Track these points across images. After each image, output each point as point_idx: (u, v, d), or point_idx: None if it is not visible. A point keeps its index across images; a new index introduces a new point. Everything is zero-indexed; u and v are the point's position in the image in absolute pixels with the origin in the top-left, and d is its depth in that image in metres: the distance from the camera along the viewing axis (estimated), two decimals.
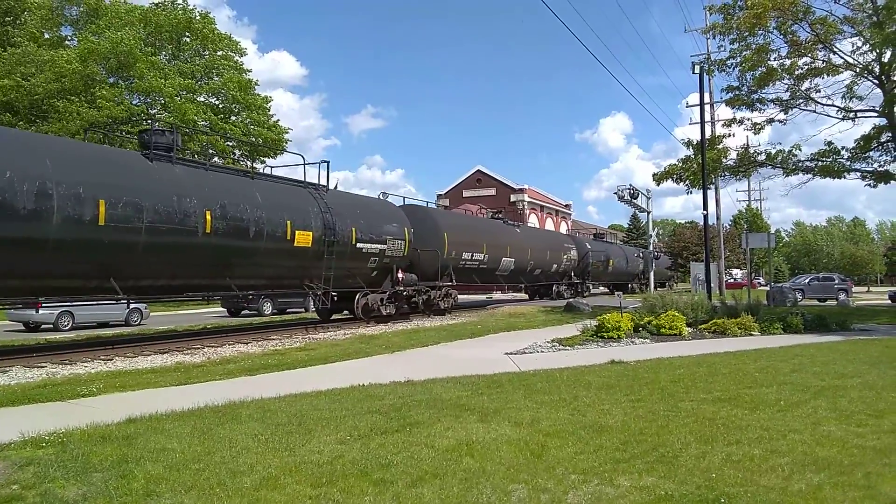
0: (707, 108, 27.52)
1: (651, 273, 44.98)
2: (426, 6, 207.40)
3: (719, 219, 34.78)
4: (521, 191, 62.74)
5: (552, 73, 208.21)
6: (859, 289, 57.60)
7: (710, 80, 28.81)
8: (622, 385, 8.15)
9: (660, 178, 25.93)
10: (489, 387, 8.14)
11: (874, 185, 22.94)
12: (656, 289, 43.76)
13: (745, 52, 22.27)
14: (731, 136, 25.64)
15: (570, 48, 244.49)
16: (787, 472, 4.68)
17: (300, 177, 17.57)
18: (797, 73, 22.26)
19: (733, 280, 52.80)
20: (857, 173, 23.02)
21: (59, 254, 10.99)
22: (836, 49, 21.82)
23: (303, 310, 27.35)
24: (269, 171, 19.25)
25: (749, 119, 24.39)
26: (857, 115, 22.50)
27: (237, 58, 39.18)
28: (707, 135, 24.19)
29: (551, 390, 7.84)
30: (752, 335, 14.42)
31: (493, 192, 61.79)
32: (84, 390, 8.29)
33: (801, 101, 23.04)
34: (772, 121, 24.08)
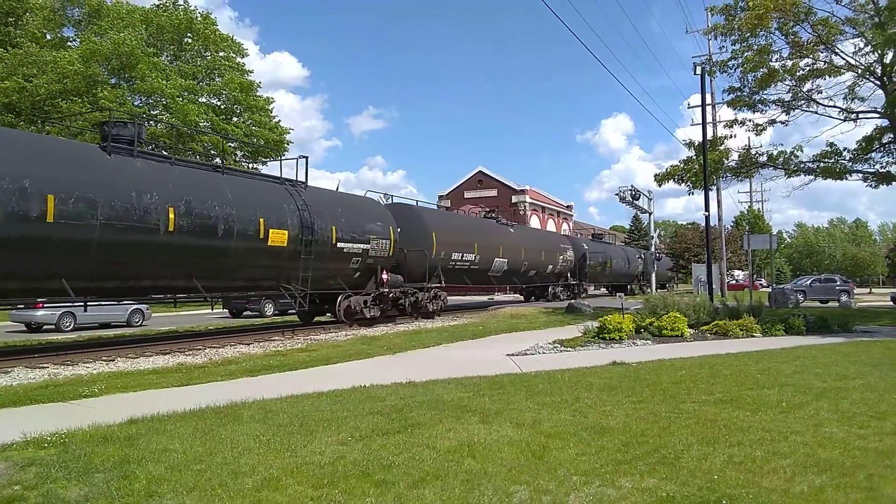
0: (709, 109, 27.59)
1: (653, 274, 44.91)
2: (427, 7, 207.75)
3: (721, 220, 34.82)
4: (523, 192, 62.70)
5: (553, 74, 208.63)
6: (861, 290, 57.53)
7: (711, 81, 28.91)
8: (624, 386, 8.14)
9: (661, 179, 25.93)
10: (491, 388, 8.14)
11: (876, 186, 22.94)
12: (657, 290, 43.71)
13: (746, 53, 22.28)
14: (732, 137, 25.78)
15: (571, 49, 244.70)
16: (789, 473, 4.67)
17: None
18: (799, 74, 22.28)
19: (735, 281, 52.74)
20: (859, 174, 23.03)
21: (2, 253, 10.28)
22: (837, 50, 21.84)
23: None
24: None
25: (751, 120, 24.42)
26: (859, 116, 22.52)
27: (239, 59, 39.25)
28: (709, 136, 24.19)
29: (553, 391, 7.84)
30: (753, 337, 14.40)
31: (494, 192, 61.75)
32: (86, 391, 8.30)
33: (803, 102, 23.06)
34: (773, 122, 24.10)
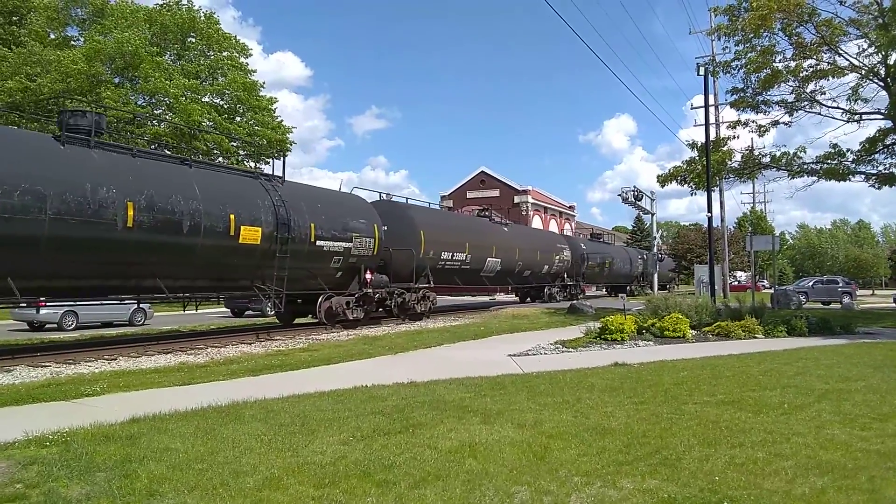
0: (712, 109, 27.52)
1: (655, 275, 44.85)
2: (429, 7, 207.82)
3: (723, 221, 34.75)
4: (525, 192, 62.66)
5: (555, 75, 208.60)
6: (864, 292, 57.45)
7: (714, 81, 28.86)
8: (625, 387, 8.14)
9: (664, 180, 25.92)
10: (492, 388, 8.14)
11: (879, 188, 22.91)
12: (658, 291, 43.66)
13: (749, 54, 22.26)
14: (735, 138, 25.68)
15: (573, 49, 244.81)
16: (790, 475, 4.66)
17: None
18: (802, 75, 22.25)
19: (737, 282, 52.75)
20: (862, 176, 22.99)
21: None
22: (841, 51, 21.82)
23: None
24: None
25: (754, 121, 24.42)
26: (863, 117, 22.48)
27: (242, 59, 39.25)
28: (712, 137, 24.15)
29: (554, 392, 7.84)
30: (755, 338, 14.38)
31: (496, 193, 61.71)
32: (88, 390, 8.31)
33: (806, 103, 23.04)
34: (777, 123, 24.11)
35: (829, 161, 22.98)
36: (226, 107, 37.94)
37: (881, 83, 21.41)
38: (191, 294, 14.79)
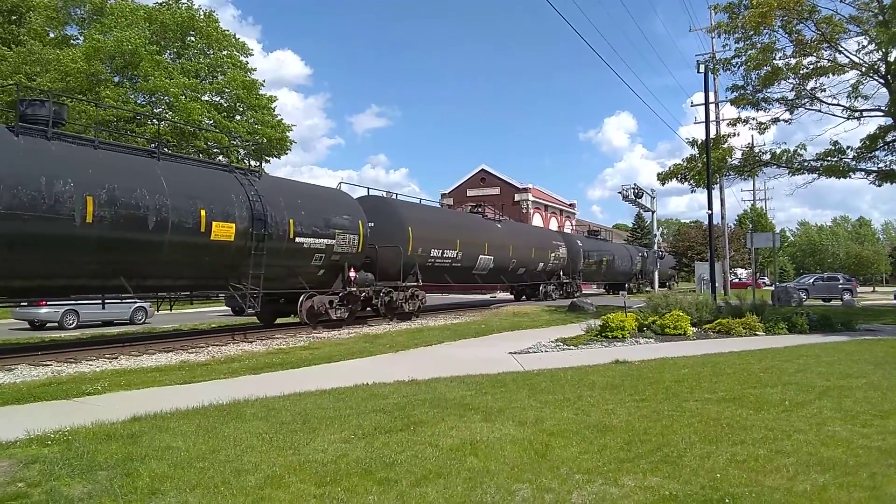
0: (712, 107, 27.50)
1: (655, 273, 44.81)
2: (429, 6, 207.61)
3: (724, 218, 34.71)
4: (526, 190, 62.72)
5: (555, 73, 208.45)
6: (864, 289, 57.45)
7: (715, 79, 28.83)
8: (626, 385, 8.14)
9: (664, 178, 25.87)
10: (493, 386, 8.14)
11: (880, 185, 22.88)
12: (659, 289, 43.62)
13: (750, 52, 22.19)
14: (736, 135, 25.61)
15: (573, 48, 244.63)
16: (791, 472, 4.67)
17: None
18: (802, 72, 22.19)
19: (738, 280, 52.73)
20: (863, 173, 22.96)
21: None
22: (841, 48, 21.77)
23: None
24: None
25: (754, 118, 24.36)
26: (863, 114, 22.43)
27: (242, 58, 39.23)
28: (712, 134, 24.13)
29: (555, 390, 7.84)
30: (756, 335, 14.38)
31: (497, 191, 61.76)
32: (89, 389, 8.32)
33: (807, 100, 22.97)
34: (777, 120, 24.02)
35: (829, 158, 22.94)
36: (225, 105, 37.93)
37: (881, 80, 21.37)
38: (165, 294, 14.15)
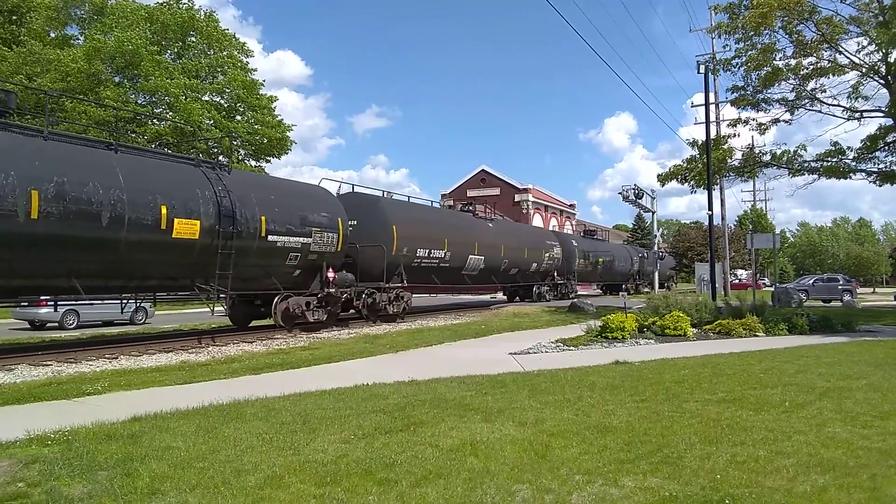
0: (712, 107, 27.50)
1: (655, 273, 44.81)
2: (430, 6, 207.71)
3: (724, 219, 34.72)
4: (526, 190, 62.78)
5: (555, 73, 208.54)
6: (865, 290, 57.47)
7: (715, 79, 28.84)
8: (627, 385, 8.14)
9: (664, 179, 25.88)
10: (493, 387, 8.14)
11: (880, 185, 22.88)
12: (659, 289, 43.62)
13: (750, 52, 22.20)
14: (736, 136, 25.60)
15: (573, 48, 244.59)
16: (792, 473, 4.66)
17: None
18: (802, 72, 22.19)
19: (738, 280, 52.74)
20: (863, 173, 22.96)
21: None
22: (841, 49, 21.77)
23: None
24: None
25: (754, 119, 24.35)
26: (863, 115, 22.43)
27: (243, 58, 39.25)
28: (712, 135, 24.13)
29: (555, 390, 7.83)
30: (756, 336, 14.38)
31: (497, 191, 61.80)
32: (89, 389, 8.32)
33: (807, 101, 22.97)
34: (777, 121, 24.03)
35: (829, 159, 22.95)
36: (226, 105, 37.94)
37: (882, 81, 21.37)
38: (129, 295, 13.58)
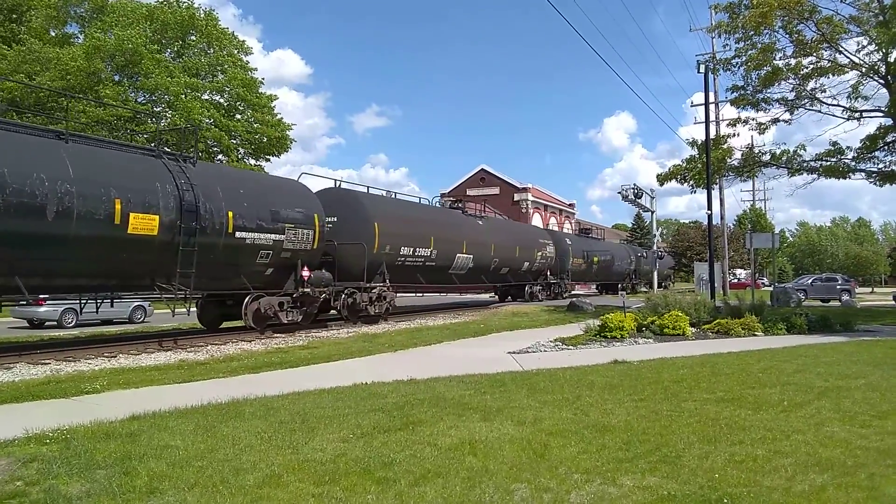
0: (712, 107, 27.50)
1: (654, 273, 44.83)
2: (430, 6, 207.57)
3: (723, 219, 34.76)
4: (525, 190, 62.72)
5: (555, 73, 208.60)
6: (863, 290, 57.51)
7: (715, 79, 28.87)
8: (625, 385, 8.14)
9: (664, 179, 25.90)
10: (492, 386, 8.14)
11: (880, 185, 22.89)
12: (658, 289, 43.62)
13: (750, 52, 22.22)
14: (735, 135, 25.66)
15: (573, 48, 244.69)
16: (790, 472, 4.67)
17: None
18: (802, 72, 22.22)
19: (737, 280, 52.79)
20: (863, 173, 22.98)
21: None
22: (841, 49, 21.80)
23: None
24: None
25: (754, 119, 24.38)
26: (863, 114, 22.46)
27: (243, 57, 39.21)
28: (712, 134, 24.13)
29: (554, 389, 7.83)
30: (755, 335, 14.39)
31: (496, 191, 61.75)
32: (88, 387, 8.32)
33: (807, 100, 23.00)
34: (777, 121, 24.05)
35: (829, 159, 22.98)
36: (226, 104, 37.91)
37: (881, 81, 21.39)
38: (89, 295, 12.94)
